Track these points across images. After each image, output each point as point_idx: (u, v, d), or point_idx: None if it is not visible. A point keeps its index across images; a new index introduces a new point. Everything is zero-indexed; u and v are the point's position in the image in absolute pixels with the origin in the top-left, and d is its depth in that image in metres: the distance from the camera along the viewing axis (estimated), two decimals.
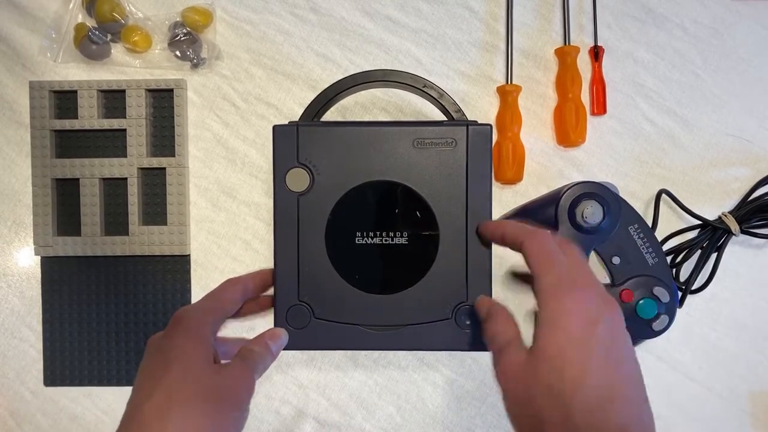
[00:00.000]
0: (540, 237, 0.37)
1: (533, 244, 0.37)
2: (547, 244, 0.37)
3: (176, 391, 0.34)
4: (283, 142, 0.43)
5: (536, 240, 0.37)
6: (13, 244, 0.56)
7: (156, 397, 0.34)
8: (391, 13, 0.56)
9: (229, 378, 0.36)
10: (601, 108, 0.54)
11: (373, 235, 0.43)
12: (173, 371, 0.35)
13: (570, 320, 0.33)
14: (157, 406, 0.33)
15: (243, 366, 0.38)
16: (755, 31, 0.55)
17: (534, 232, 0.38)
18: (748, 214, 0.53)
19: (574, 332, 0.33)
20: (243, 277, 0.42)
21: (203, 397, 0.34)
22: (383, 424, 0.55)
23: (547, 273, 0.35)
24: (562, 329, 0.33)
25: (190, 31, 0.55)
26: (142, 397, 0.34)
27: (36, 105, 0.55)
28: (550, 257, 0.36)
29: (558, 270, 0.35)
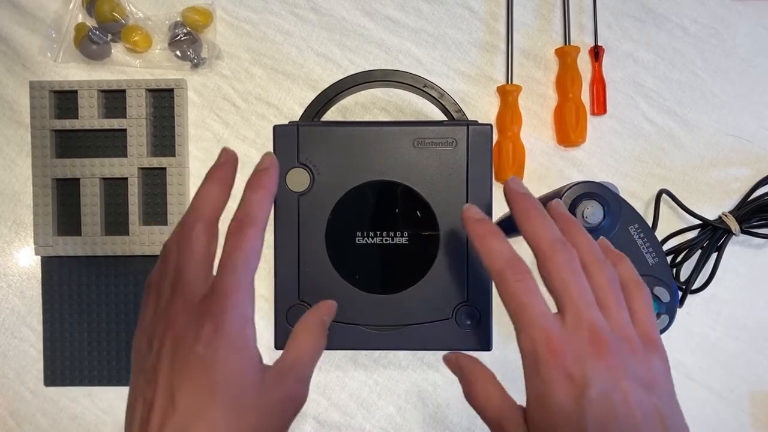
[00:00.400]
0: (519, 277, 0.29)
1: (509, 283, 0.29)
2: (527, 283, 0.29)
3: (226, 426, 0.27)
4: (283, 142, 0.43)
5: (513, 277, 0.30)
6: (13, 244, 0.56)
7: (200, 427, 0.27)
8: (391, 13, 0.56)
9: (283, 399, 0.30)
10: (601, 108, 0.54)
11: (374, 235, 0.43)
12: (220, 400, 0.27)
13: (555, 392, 0.27)
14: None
15: (295, 379, 0.32)
16: (755, 31, 0.55)
17: (511, 264, 0.30)
18: (748, 214, 0.53)
19: (563, 406, 0.27)
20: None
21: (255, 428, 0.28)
22: (383, 424, 0.55)
23: (522, 330, 0.29)
24: (550, 405, 0.27)
25: (190, 31, 0.55)
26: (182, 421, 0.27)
27: (36, 105, 0.55)
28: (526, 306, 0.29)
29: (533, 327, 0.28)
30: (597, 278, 0.31)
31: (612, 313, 0.30)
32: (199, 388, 0.27)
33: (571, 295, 0.29)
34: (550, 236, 0.30)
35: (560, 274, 0.29)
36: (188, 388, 0.27)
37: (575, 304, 0.29)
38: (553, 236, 0.31)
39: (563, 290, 0.29)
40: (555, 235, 0.31)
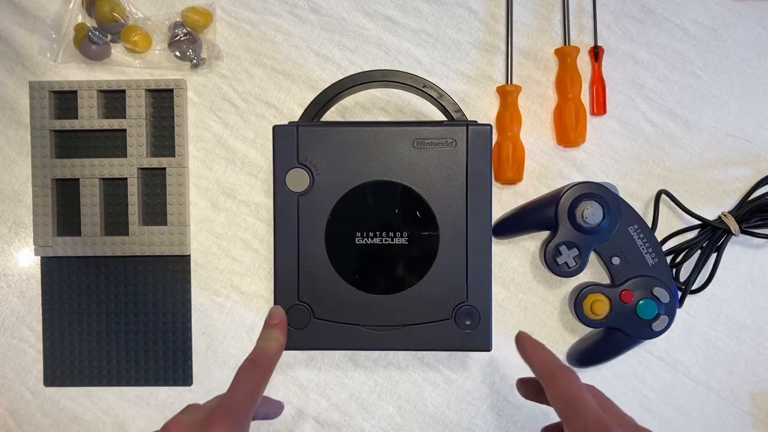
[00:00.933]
0: (568, 374, 0.36)
1: (560, 381, 0.36)
2: (575, 382, 0.36)
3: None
4: (283, 143, 0.43)
5: (564, 377, 0.36)
6: (13, 244, 0.56)
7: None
8: (391, 14, 0.56)
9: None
10: (601, 108, 0.54)
11: (373, 235, 0.43)
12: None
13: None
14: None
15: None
16: (755, 31, 0.55)
17: (559, 368, 0.37)
18: (748, 214, 0.53)
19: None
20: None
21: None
22: (383, 424, 0.55)
23: (577, 419, 0.33)
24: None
25: (190, 31, 0.55)
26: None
27: (36, 105, 0.55)
28: (581, 399, 0.34)
29: (588, 416, 0.33)
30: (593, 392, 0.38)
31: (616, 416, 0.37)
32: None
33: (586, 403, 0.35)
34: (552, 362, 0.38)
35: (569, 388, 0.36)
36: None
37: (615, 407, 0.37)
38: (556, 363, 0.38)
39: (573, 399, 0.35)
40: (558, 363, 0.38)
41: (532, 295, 0.54)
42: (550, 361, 0.38)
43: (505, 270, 0.54)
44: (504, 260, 0.54)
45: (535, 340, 0.41)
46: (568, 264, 0.50)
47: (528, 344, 0.40)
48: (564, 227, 0.50)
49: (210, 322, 0.55)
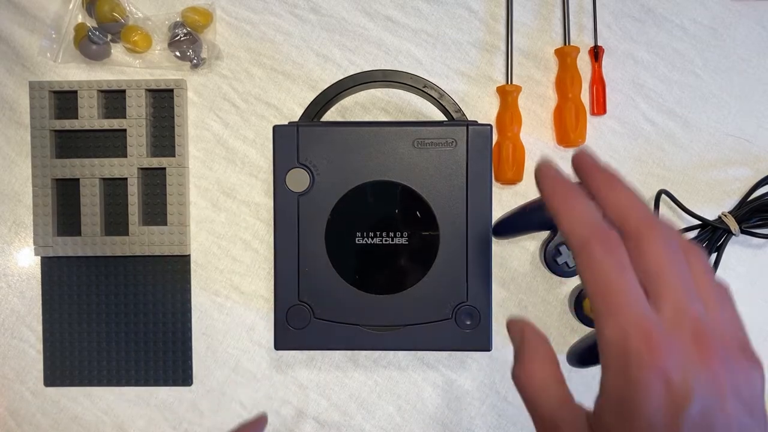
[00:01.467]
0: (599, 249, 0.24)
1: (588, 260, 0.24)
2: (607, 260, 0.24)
3: None
4: (283, 143, 0.43)
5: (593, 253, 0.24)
6: (13, 244, 0.56)
7: None
8: (391, 13, 0.56)
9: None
10: (601, 108, 0.54)
11: (373, 235, 0.43)
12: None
13: (649, 405, 0.22)
14: None
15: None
16: (755, 31, 0.55)
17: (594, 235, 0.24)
18: (748, 214, 0.53)
19: (655, 424, 0.22)
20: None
21: None
22: (383, 424, 0.55)
23: (610, 318, 0.23)
24: (639, 422, 0.22)
25: (190, 31, 0.55)
26: None
27: (36, 105, 0.55)
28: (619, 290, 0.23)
29: (626, 316, 0.23)
30: (695, 266, 0.25)
31: (712, 310, 0.24)
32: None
33: (672, 279, 0.23)
34: (643, 209, 0.25)
35: (658, 253, 0.24)
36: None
37: (677, 291, 0.23)
38: (647, 210, 0.25)
39: (661, 273, 0.24)
40: (648, 210, 0.25)
41: (532, 295, 0.54)
42: (584, 217, 0.25)
43: (505, 270, 0.54)
44: (504, 260, 0.54)
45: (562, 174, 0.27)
46: (568, 264, 0.50)
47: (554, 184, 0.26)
48: None
49: (210, 322, 0.55)
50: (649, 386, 0.22)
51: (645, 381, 0.22)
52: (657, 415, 0.22)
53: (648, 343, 0.22)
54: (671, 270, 0.24)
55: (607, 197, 0.26)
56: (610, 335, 0.23)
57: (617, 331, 0.23)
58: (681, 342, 0.22)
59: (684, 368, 0.22)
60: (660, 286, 0.23)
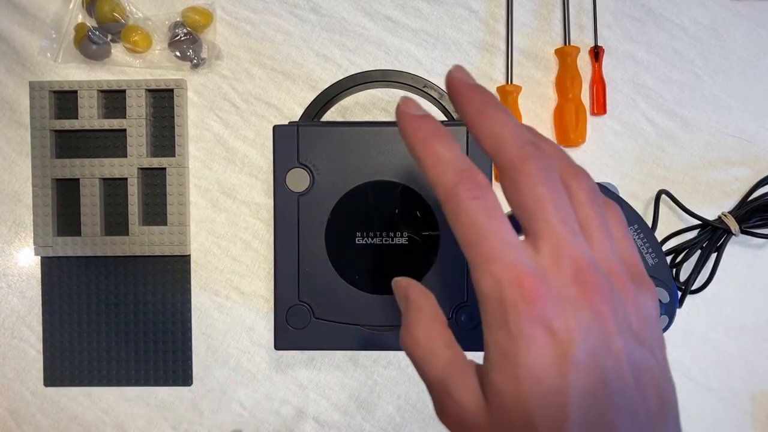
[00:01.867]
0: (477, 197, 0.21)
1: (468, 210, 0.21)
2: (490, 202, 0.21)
3: None
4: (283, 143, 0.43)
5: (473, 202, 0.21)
6: (13, 244, 0.56)
7: None
8: (391, 13, 0.56)
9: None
10: (601, 108, 0.54)
11: (373, 236, 0.43)
12: None
13: (530, 355, 0.20)
14: None
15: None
16: (755, 31, 0.55)
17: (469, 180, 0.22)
18: (748, 214, 0.53)
19: (540, 376, 0.20)
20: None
21: None
22: (383, 424, 0.55)
23: (484, 269, 0.21)
24: (521, 373, 0.20)
25: (190, 31, 0.55)
26: None
27: (36, 105, 0.55)
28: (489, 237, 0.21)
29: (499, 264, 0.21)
30: (577, 194, 0.23)
31: (596, 241, 0.22)
32: None
33: (549, 216, 0.21)
34: (518, 137, 0.22)
35: (534, 188, 0.21)
36: None
37: (555, 229, 0.21)
38: (524, 137, 0.22)
39: (538, 210, 0.21)
40: (525, 137, 0.22)
41: None
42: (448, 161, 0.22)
43: None
44: None
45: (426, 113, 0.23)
46: None
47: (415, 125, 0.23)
48: None
49: (210, 322, 0.55)
50: (531, 338, 0.20)
51: (525, 333, 0.20)
52: (543, 366, 0.20)
53: (523, 292, 0.20)
54: (548, 205, 0.21)
55: (480, 126, 0.22)
56: (485, 288, 0.21)
57: (491, 283, 0.21)
58: (560, 285, 0.21)
59: (564, 313, 0.20)
60: (536, 224, 0.21)
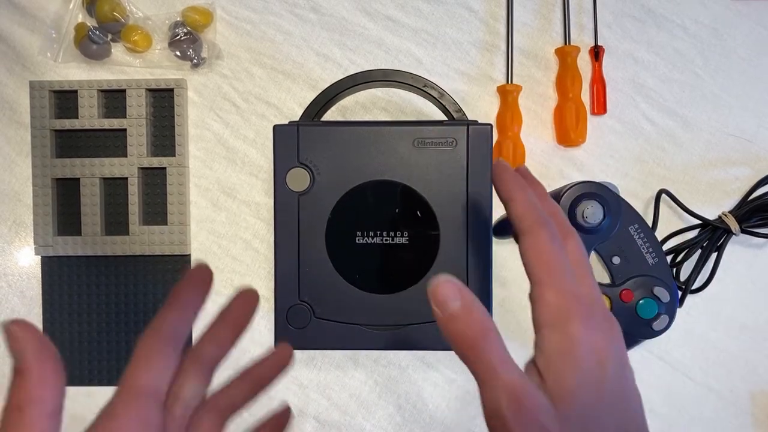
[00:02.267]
0: (543, 233, 0.30)
1: (536, 240, 0.29)
2: (549, 243, 0.29)
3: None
4: (283, 142, 0.43)
5: (541, 236, 0.29)
6: (13, 244, 0.56)
7: None
8: (391, 13, 0.56)
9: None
10: (601, 108, 0.54)
11: (374, 235, 0.43)
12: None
13: (582, 355, 0.27)
14: None
15: None
16: (755, 31, 0.55)
17: (539, 223, 0.30)
18: (748, 214, 0.53)
19: (589, 371, 0.27)
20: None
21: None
22: (383, 424, 0.55)
23: (550, 287, 0.29)
24: (578, 368, 0.27)
25: (190, 31, 0.55)
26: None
27: (36, 105, 0.55)
28: (555, 264, 0.29)
29: (563, 284, 0.29)
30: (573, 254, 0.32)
31: (584, 279, 0.31)
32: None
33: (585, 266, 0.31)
34: (534, 212, 0.31)
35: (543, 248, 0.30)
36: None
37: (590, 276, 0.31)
38: (538, 213, 0.31)
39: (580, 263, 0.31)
40: (539, 212, 0.31)
41: None
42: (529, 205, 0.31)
43: (505, 270, 0.54)
44: (504, 260, 0.54)
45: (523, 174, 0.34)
46: None
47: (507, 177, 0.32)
48: None
49: None
50: (582, 341, 0.28)
51: (580, 334, 0.28)
52: (589, 357, 0.28)
53: (580, 306, 0.28)
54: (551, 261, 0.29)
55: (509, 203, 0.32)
56: (551, 299, 0.29)
57: (558, 297, 0.28)
58: (596, 314, 0.29)
59: (599, 330, 0.28)
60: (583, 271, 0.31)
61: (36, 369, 0.24)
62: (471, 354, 0.28)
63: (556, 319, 0.28)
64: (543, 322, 0.29)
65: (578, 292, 0.29)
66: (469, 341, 0.28)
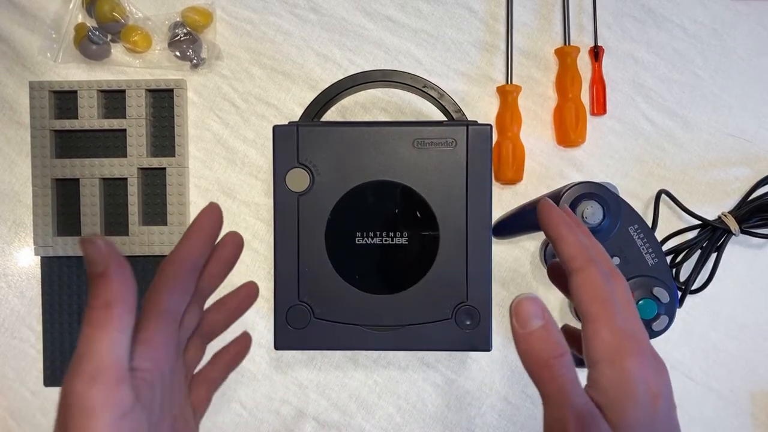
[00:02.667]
0: (596, 272, 0.31)
1: (589, 279, 0.31)
2: (602, 282, 0.31)
3: None
4: (283, 143, 0.43)
5: (593, 274, 0.31)
6: (13, 244, 0.56)
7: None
8: (391, 13, 0.56)
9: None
10: (601, 108, 0.54)
11: (373, 235, 0.43)
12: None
13: (640, 391, 0.29)
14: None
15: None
16: (755, 31, 0.55)
17: (590, 262, 0.31)
18: (748, 214, 0.53)
19: (646, 407, 0.29)
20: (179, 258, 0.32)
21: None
22: (383, 424, 0.55)
23: (605, 323, 0.30)
24: (636, 403, 0.29)
25: (190, 31, 0.55)
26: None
27: (36, 105, 0.55)
28: (609, 302, 0.30)
29: (616, 321, 0.30)
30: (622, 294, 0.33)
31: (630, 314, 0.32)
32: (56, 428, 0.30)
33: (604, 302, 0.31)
34: (584, 251, 0.32)
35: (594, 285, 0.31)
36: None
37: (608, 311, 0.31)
38: (588, 252, 0.32)
39: (597, 299, 0.31)
40: (589, 251, 0.32)
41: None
42: (579, 244, 0.32)
43: (505, 270, 0.54)
44: (504, 260, 0.54)
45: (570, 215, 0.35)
46: None
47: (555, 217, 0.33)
48: None
49: None
50: (638, 375, 0.29)
51: (636, 370, 0.29)
52: (645, 392, 0.29)
53: (633, 344, 0.30)
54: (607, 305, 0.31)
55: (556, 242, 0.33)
56: (606, 336, 0.30)
57: (613, 334, 0.30)
58: (653, 355, 0.31)
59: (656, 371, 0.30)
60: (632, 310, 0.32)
61: (118, 273, 0.27)
62: (545, 373, 0.29)
63: (613, 355, 0.29)
64: (598, 358, 0.30)
65: (631, 329, 0.30)
66: (544, 361, 0.29)
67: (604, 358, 0.29)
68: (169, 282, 0.31)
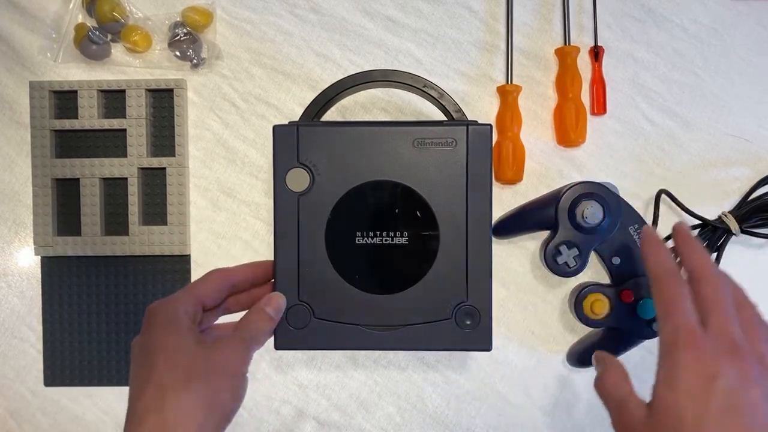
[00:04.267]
0: (675, 283, 0.36)
1: (668, 287, 0.36)
2: (681, 289, 0.35)
3: (165, 381, 0.35)
4: (283, 142, 0.43)
5: (672, 284, 0.36)
6: (13, 244, 0.56)
7: (148, 393, 0.35)
8: (391, 13, 0.56)
9: (216, 352, 0.38)
10: (601, 108, 0.54)
11: (373, 235, 0.43)
12: (158, 364, 0.36)
13: (686, 375, 0.32)
14: (152, 400, 0.35)
15: (233, 337, 0.39)
16: (755, 31, 0.55)
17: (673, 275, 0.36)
18: (748, 214, 0.53)
19: (691, 388, 0.32)
20: (231, 269, 0.42)
21: (192, 377, 0.36)
22: (383, 424, 0.55)
23: (668, 321, 0.34)
24: (678, 385, 0.32)
25: (190, 31, 0.55)
26: (135, 397, 0.36)
27: (36, 105, 0.55)
28: (676, 304, 0.35)
29: (678, 320, 0.34)
30: (746, 308, 0.36)
31: (754, 340, 0.34)
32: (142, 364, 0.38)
33: (718, 310, 0.34)
34: (711, 264, 0.37)
35: (711, 293, 0.35)
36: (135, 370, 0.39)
37: (719, 318, 0.34)
38: (713, 265, 0.37)
39: (710, 304, 0.34)
40: (714, 265, 0.37)
41: (532, 295, 0.54)
42: (669, 263, 0.37)
43: (505, 270, 0.54)
44: (504, 260, 0.54)
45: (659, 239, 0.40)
46: (568, 264, 0.50)
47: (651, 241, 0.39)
48: (564, 227, 0.50)
49: None
50: (688, 365, 0.32)
51: (685, 361, 0.32)
52: (693, 384, 0.31)
53: (691, 337, 0.33)
54: (719, 303, 0.34)
55: (687, 260, 0.38)
56: (665, 331, 0.34)
57: (670, 327, 0.34)
58: (717, 345, 0.33)
59: (716, 359, 0.32)
60: (708, 311, 0.34)
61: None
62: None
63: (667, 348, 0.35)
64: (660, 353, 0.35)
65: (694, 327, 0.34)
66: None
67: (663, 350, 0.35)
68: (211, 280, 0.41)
